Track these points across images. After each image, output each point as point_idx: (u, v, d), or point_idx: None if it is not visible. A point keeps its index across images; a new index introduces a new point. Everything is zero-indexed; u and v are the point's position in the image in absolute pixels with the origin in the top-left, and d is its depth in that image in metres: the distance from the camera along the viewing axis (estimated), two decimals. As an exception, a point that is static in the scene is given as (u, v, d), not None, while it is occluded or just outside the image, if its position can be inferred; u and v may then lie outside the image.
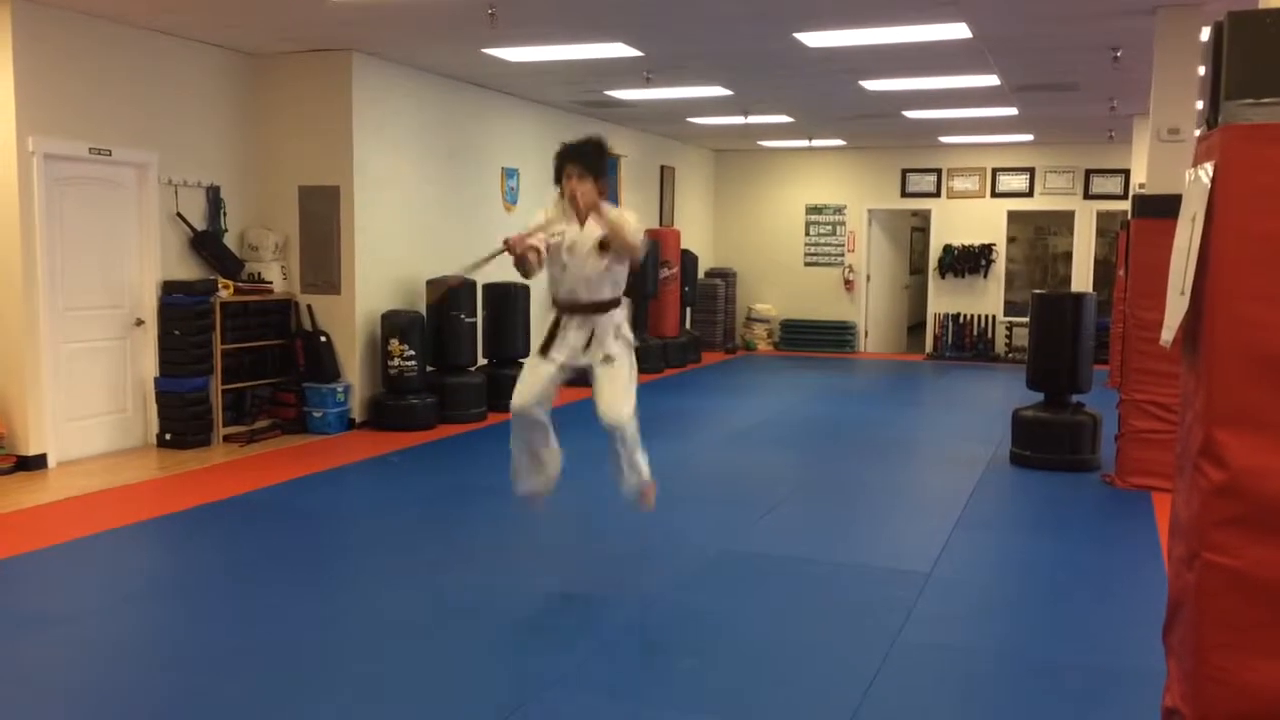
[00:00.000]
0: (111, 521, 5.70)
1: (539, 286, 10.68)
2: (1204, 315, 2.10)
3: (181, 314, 7.59)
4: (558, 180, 4.45)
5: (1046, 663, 3.95)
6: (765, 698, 3.60)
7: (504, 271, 10.15)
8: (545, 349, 4.51)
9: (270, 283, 8.36)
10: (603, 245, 4.38)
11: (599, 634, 4.16)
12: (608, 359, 4.48)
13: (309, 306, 8.52)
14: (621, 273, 4.54)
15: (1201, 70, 6.76)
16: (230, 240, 8.25)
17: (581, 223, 4.42)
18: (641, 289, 12.01)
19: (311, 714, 3.44)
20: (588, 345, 4.50)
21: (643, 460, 4.63)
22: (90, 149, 7.10)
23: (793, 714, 3.47)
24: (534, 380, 4.52)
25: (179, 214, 7.80)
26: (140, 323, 7.61)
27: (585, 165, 4.27)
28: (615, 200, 12.68)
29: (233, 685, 3.64)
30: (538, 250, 4.31)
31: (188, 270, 7.89)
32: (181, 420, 7.59)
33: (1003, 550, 5.56)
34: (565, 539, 5.44)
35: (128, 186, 7.51)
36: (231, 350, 7.96)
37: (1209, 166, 2.08)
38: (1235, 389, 2.03)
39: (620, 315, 4.58)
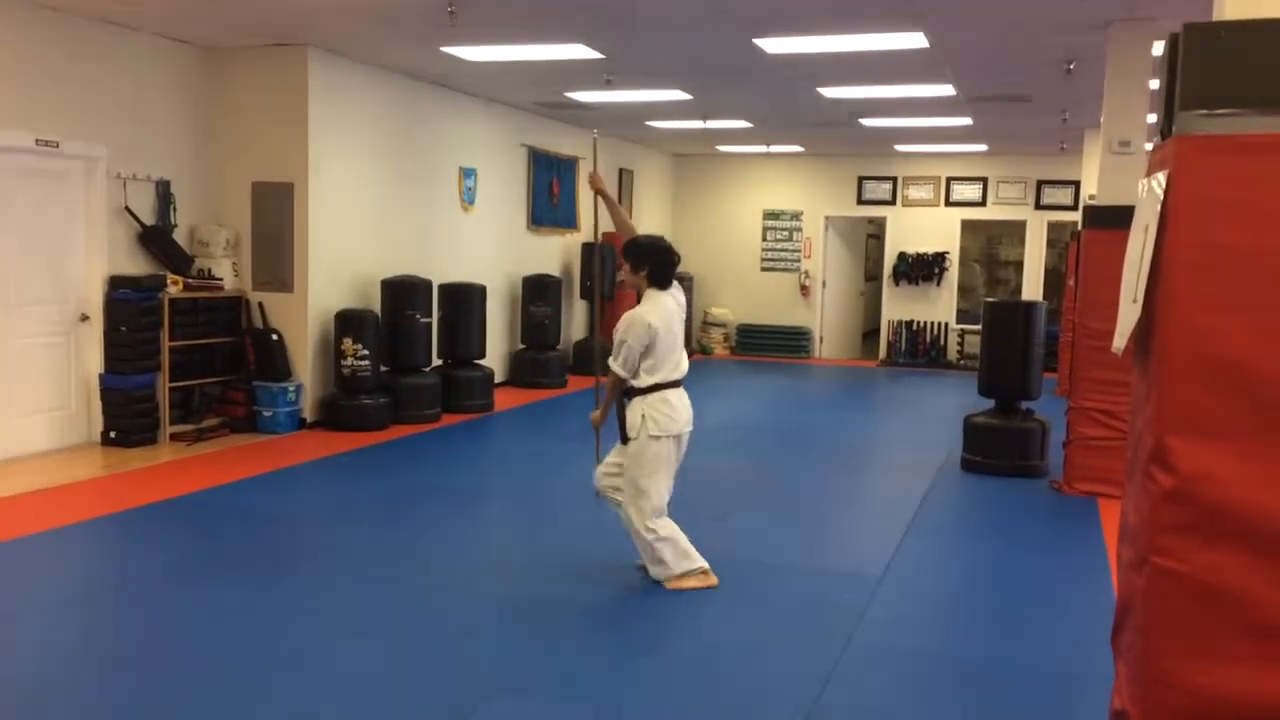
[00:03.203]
0: (53, 521, 5.57)
1: (495, 286, 10.67)
2: (1156, 323, 2.13)
3: (128, 310, 7.45)
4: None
5: (996, 665, 4.00)
6: (719, 699, 3.60)
7: (460, 271, 10.13)
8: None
9: (221, 279, 8.22)
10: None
11: (551, 637, 4.14)
12: (625, 439, 4.76)
13: (260, 304, 8.39)
14: (650, 364, 4.78)
15: (1155, 83, 6.91)
16: (180, 236, 8.10)
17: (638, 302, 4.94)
18: (599, 291, 11.96)
19: (254, 717, 3.37)
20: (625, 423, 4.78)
21: (662, 555, 4.67)
22: (37, 141, 6.94)
23: (746, 715, 3.48)
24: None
25: (127, 208, 7.65)
26: (86, 318, 7.45)
27: (624, 254, 4.94)
28: (573, 205, 12.74)
29: (175, 687, 3.57)
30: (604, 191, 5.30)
31: (136, 265, 7.74)
32: (127, 418, 7.44)
33: (954, 555, 5.62)
34: (515, 542, 5.41)
35: (75, 179, 7.34)
36: (180, 347, 7.82)
37: (1162, 176, 2.11)
38: (1186, 396, 2.06)
39: (645, 405, 4.73)
